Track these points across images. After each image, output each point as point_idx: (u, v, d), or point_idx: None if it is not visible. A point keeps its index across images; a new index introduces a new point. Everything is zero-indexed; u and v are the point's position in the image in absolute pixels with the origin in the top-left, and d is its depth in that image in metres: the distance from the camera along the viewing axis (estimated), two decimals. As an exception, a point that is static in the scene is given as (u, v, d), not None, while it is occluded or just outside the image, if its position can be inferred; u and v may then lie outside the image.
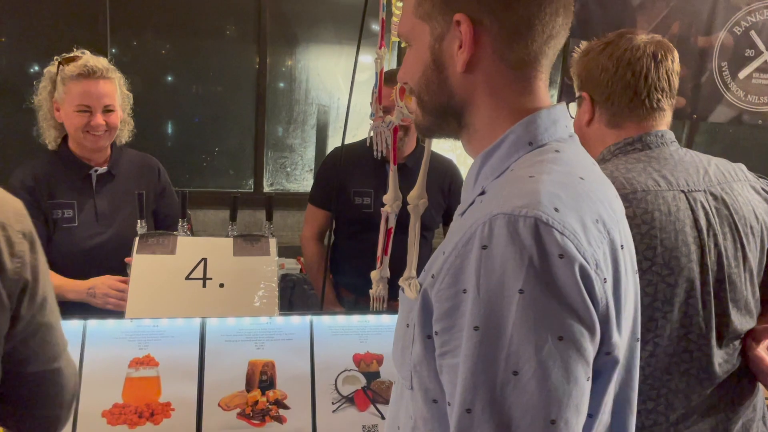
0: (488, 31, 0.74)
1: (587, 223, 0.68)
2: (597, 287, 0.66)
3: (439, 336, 0.70)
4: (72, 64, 1.68)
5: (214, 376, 1.41)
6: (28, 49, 3.80)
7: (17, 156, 3.80)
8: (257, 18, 3.96)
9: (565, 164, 0.73)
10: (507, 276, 0.63)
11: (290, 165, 4.35)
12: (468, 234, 0.67)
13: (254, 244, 1.61)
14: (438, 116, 0.81)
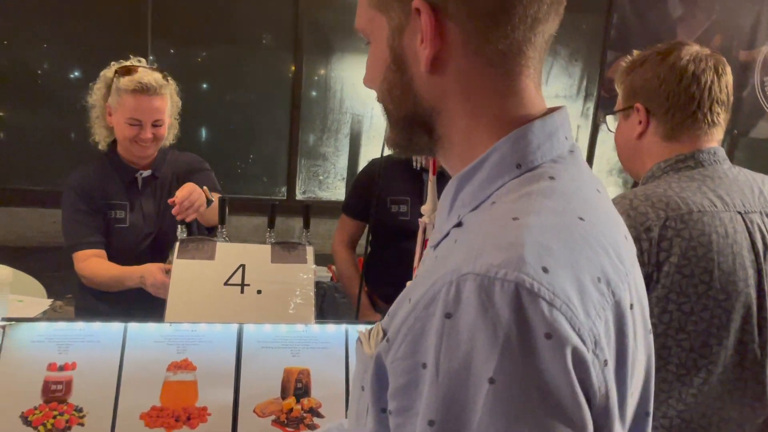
0: (455, 19, 0.59)
1: (586, 284, 0.53)
2: (594, 374, 0.52)
3: (393, 416, 0.56)
4: (128, 78, 1.73)
5: (249, 382, 1.41)
6: (69, 55, 3.91)
7: (58, 157, 3.91)
8: (294, 28, 4.02)
9: (561, 198, 0.58)
10: (475, 358, 0.49)
11: (323, 173, 4.38)
12: (431, 293, 0.53)
13: (291, 252, 1.62)
14: (406, 128, 0.66)
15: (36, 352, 1.34)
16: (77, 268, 1.77)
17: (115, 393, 1.34)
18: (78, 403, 1.31)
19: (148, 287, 1.65)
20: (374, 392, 0.59)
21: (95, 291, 1.87)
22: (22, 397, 1.30)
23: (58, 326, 1.37)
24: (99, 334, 1.38)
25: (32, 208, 3.74)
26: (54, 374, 1.32)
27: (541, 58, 0.63)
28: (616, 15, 4.40)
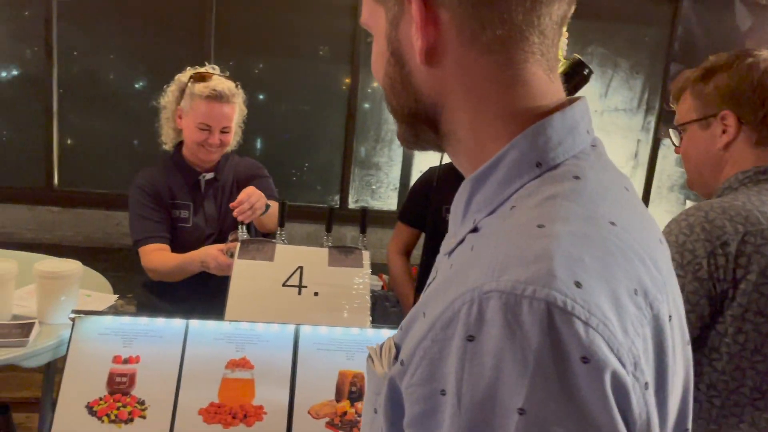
0: (447, 5, 0.54)
1: (622, 298, 0.47)
2: (635, 400, 0.46)
3: None
4: (203, 84, 1.79)
5: (305, 383, 1.42)
6: (135, 65, 4.06)
7: (122, 162, 4.06)
8: (352, 39, 4.07)
9: (589, 200, 0.52)
10: (501, 387, 0.44)
11: (375, 183, 4.40)
12: (449, 313, 0.47)
13: (348, 256, 1.63)
14: (410, 124, 0.61)
15: (102, 344, 1.38)
16: (143, 262, 1.83)
17: (176, 388, 1.37)
18: (141, 396, 1.35)
19: (212, 269, 1.70)
20: (388, 418, 0.54)
21: (157, 290, 1.92)
22: (88, 388, 1.34)
23: (123, 320, 1.41)
24: (162, 330, 1.42)
25: (97, 210, 3.89)
26: (119, 367, 1.36)
27: (552, 43, 0.56)
28: (681, 27, 4.28)
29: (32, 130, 3.89)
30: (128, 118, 4.07)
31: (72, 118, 3.95)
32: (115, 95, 4.09)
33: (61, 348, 1.41)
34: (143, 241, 1.84)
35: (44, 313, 1.47)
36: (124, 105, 4.08)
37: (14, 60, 3.89)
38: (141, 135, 4.10)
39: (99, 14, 3.89)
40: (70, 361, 1.36)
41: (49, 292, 1.46)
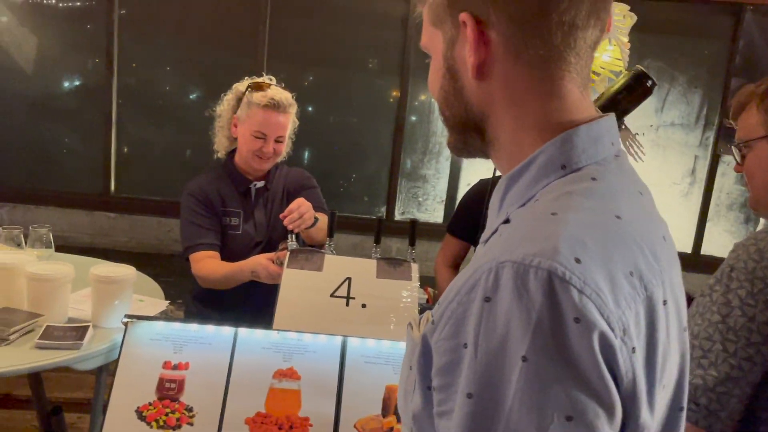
0: (497, 28, 0.63)
1: (617, 277, 0.56)
2: (621, 359, 0.55)
3: (436, 392, 0.60)
4: (261, 93, 1.82)
5: (351, 397, 1.40)
6: (190, 76, 4.17)
7: (175, 171, 4.16)
8: (401, 52, 4.08)
9: (601, 197, 0.61)
10: (510, 339, 0.53)
11: (422, 195, 4.38)
12: (472, 280, 0.57)
13: (397, 268, 1.61)
14: (461, 132, 0.71)
15: (153, 349, 1.40)
16: (194, 269, 1.85)
17: (224, 395, 1.37)
18: (189, 403, 1.36)
19: (262, 278, 1.70)
20: (421, 371, 0.63)
21: (205, 298, 1.94)
22: (138, 392, 1.36)
23: (174, 326, 1.43)
24: (211, 337, 1.43)
25: (151, 217, 3.99)
26: (169, 372, 1.38)
27: (585, 64, 0.66)
28: (742, 40, 4.13)
29: (92, 138, 4.03)
30: (182, 127, 4.18)
31: (129, 128, 4.08)
32: (171, 105, 4.21)
33: (114, 352, 1.43)
34: (194, 248, 1.86)
35: (98, 317, 1.50)
36: (178, 115, 4.19)
37: (77, 71, 4.05)
38: (194, 145, 4.20)
39: (157, 27, 4.02)
40: (121, 366, 1.37)
41: (104, 296, 1.48)
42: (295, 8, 4.06)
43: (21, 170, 4.08)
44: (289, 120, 1.91)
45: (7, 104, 4.00)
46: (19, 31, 3.94)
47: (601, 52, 1.44)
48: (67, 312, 1.51)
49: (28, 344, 1.36)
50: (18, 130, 4.05)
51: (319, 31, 4.13)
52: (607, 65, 1.46)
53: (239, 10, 4.01)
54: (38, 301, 1.45)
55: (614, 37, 1.41)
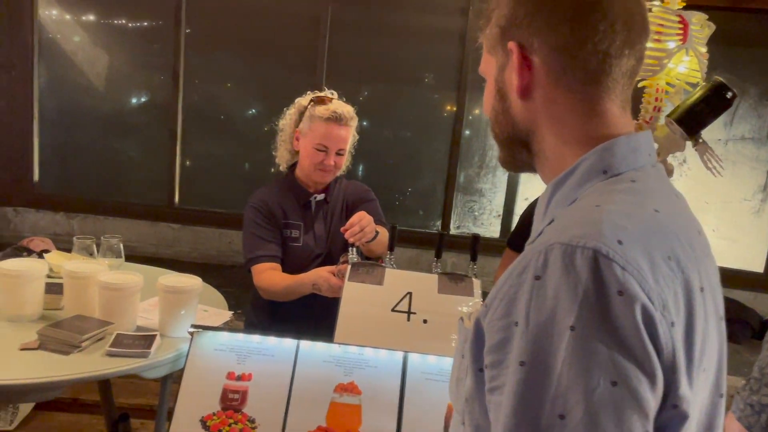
0: (539, 54, 0.72)
1: (656, 259, 0.62)
2: (661, 331, 0.60)
3: (488, 370, 0.65)
4: (324, 107, 1.85)
5: (412, 414, 1.38)
6: (251, 93, 4.27)
7: (234, 184, 4.26)
8: (459, 66, 4.06)
9: (640, 195, 0.68)
10: (558, 310, 0.59)
11: (478, 209, 4.33)
12: (523, 263, 0.64)
13: (458, 284, 1.59)
14: (509, 147, 0.80)
15: (218, 359, 1.42)
16: (255, 281, 1.87)
17: (285, 408, 1.37)
18: (251, 414, 1.37)
19: (323, 291, 1.71)
20: (473, 355, 0.69)
21: (266, 309, 1.96)
22: (202, 402, 1.38)
23: (238, 337, 1.44)
24: (273, 349, 1.44)
25: (212, 228, 4.09)
26: (232, 383, 1.39)
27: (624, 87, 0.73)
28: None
29: (158, 152, 4.17)
30: (243, 142, 4.28)
31: (193, 142, 4.20)
32: (232, 120, 4.32)
33: (179, 361, 1.46)
34: (256, 259, 1.89)
35: (165, 326, 1.53)
36: (239, 130, 4.29)
37: (145, 88, 4.21)
38: (254, 158, 4.29)
39: (221, 45, 4.14)
40: (186, 375, 1.40)
41: (171, 306, 1.52)
42: (353, 25, 4.11)
43: (92, 182, 4.26)
44: (350, 133, 1.92)
45: (81, 120, 4.20)
46: (92, 50, 4.13)
47: (676, 63, 1.38)
48: (135, 321, 1.55)
49: (98, 351, 1.40)
50: (90, 145, 4.24)
51: (376, 47, 4.16)
52: (682, 76, 1.40)
53: (299, 28, 4.09)
54: (109, 310, 1.49)
55: (691, 47, 1.36)
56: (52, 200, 4.13)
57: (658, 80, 1.39)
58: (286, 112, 1.99)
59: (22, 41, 3.96)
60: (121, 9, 4.10)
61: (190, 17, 4.02)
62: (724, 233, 4.19)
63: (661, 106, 1.41)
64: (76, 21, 4.12)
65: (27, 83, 4.03)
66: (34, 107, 4.08)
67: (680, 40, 1.33)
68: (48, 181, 4.22)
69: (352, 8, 4.08)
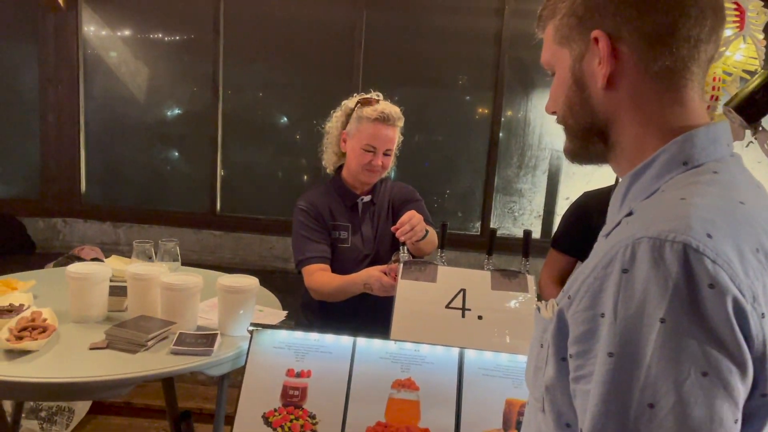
0: (628, 42, 0.72)
1: (745, 252, 0.62)
2: (752, 322, 0.60)
3: (573, 359, 0.67)
4: (371, 108, 1.87)
5: (471, 409, 1.39)
6: (288, 101, 4.32)
7: (272, 191, 4.32)
8: (495, 67, 4.05)
9: (724, 187, 0.68)
10: (648, 303, 0.60)
11: (518, 210, 4.30)
12: (609, 256, 0.64)
13: (512, 280, 1.58)
14: (584, 138, 0.79)
15: (277, 357, 1.44)
16: (307, 282, 1.90)
17: (344, 404, 1.39)
18: (311, 410, 1.39)
19: (375, 291, 1.72)
20: (555, 344, 0.70)
21: (316, 310, 1.99)
22: (264, 398, 1.40)
23: (296, 335, 1.47)
24: (331, 346, 1.46)
25: (254, 235, 4.15)
26: (292, 380, 1.42)
27: (704, 74, 0.74)
28: None
29: (199, 160, 4.26)
30: (282, 149, 4.34)
31: (233, 150, 4.28)
32: (270, 128, 4.38)
33: (240, 359, 1.49)
34: (306, 261, 1.91)
35: (225, 325, 1.57)
36: (278, 137, 4.35)
37: (186, 99, 4.31)
38: (293, 165, 4.34)
39: (258, 54, 4.22)
40: (248, 372, 1.43)
41: (230, 306, 1.55)
42: (388, 29, 4.14)
43: (137, 192, 4.38)
44: (396, 134, 1.94)
45: (125, 132, 4.31)
46: (133, 63, 4.25)
47: (733, 51, 1.36)
48: (196, 320, 1.59)
49: (163, 350, 1.44)
50: (134, 156, 4.35)
51: (411, 51, 4.18)
52: (739, 64, 1.38)
53: (335, 35, 4.13)
54: (171, 310, 1.54)
55: (748, 34, 1.34)
56: (99, 210, 4.25)
57: (714, 69, 1.38)
58: (332, 115, 2.01)
59: (67, 57, 4.10)
60: (160, 23, 4.21)
61: (228, 28, 4.10)
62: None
63: (718, 95, 1.39)
64: (117, 36, 4.25)
65: (73, 97, 4.16)
66: (80, 120, 4.21)
67: (737, 27, 1.31)
68: (95, 192, 4.34)
69: (386, 13, 4.11)
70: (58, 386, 1.26)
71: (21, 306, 1.53)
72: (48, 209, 4.20)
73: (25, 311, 1.49)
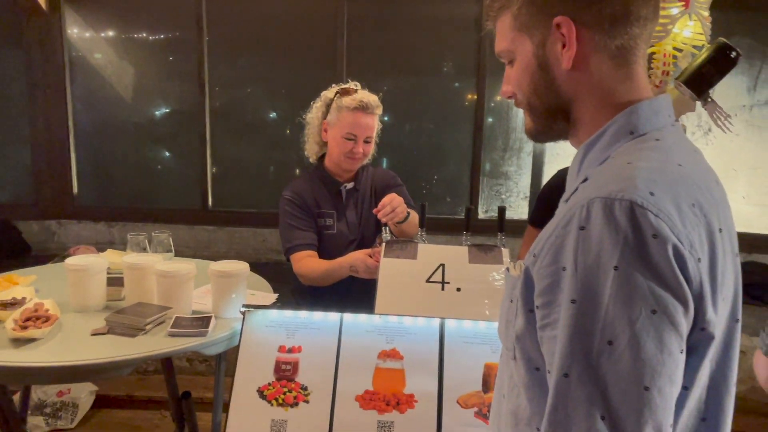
0: (588, 25, 0.79)
1: (683, 207, 0.71)
2: (690, 266, 0.69)
3: (540, 310, 0.75)
4: (350, 97, 1.94)
5: (452, 374, 1.48)
6: (274, 94, 4.38)
7: (263, 185, 4.39)
8: (476, 53, 4.13)
9: (664, 151, 0.77)
10: (603, 254, 0.68)
11: (505, 192, 4.39)
12: (567, 217, 0.72)
13: (488, 253, 1.67)
14: (548, 117, 0.86)
15: (269, 335, 1.53)
16: (295, 268, 1.98)
17: (334, 375, 1.48)
18: (303, 382, 1.48)
19: (360, 273, 1.80)
20: (524, 298, 0.78)
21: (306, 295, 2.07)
22: (258, 374, 1.49)
23: (286, 314, 1.56)
24: (319, 323, 1.55)
25: (246, 228, 4.23)
26: (284, 355, 1.50)
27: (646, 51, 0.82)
28: (839, 6, 3.89)
29: (189, 157, 4.33)
30: (270, 142, 4.40)
31: (222, 146, 4.34)
32: (258, 121, 4.44)
33: (234, 339, 1.57)
34: (294, 248, 1.99)
35: (218, 308, 1.65)
36: (266, 130, 4.42)
37: (173, 97, 4.37)
38: (281, 158, 4.41)
39: (243, 49, 4.27)
40: (242, 350, 1.52)
41: (223, 289, 1.64)
42: (370, 19, 4.20)
43: (129, 191, 4.44)
44: (376, 121, 2.01)
45: (114, 132, 4.37)
46: (119, 64, 4.29)
47: (681, 28, 1.45)
48: (191, 305, 1.68)
49: (161, 333, 1.53)
50: (125, 155, 4.41)
51: (394, 40, 4.24)
52: (689, 40, 1.47)
53: (317, 27, 4.19)
54: (167, 296, 1.62)
55: (694, 12, 1.42)
56: (92, 211, 4.31)
57: (665, 45, 1.46)
58: (312, 106, 2.08)
59: (53, 61, 4.14)
60: (144, 22, 4.25)
61: (211, 24, 4.15)
62: (755, 199, 4.18)
63: (669, 70, 1.48)
64: (102, 37, 4.30)
65: (61, 100, 4.21)
66: (69, 123, 4.26)
67: (683, 6, 1.40)
68: (87, 193, 4.40)
69: (367, 3, 4.17)
70: (64, 369, 1.34)
71: (24, 299, 1.61)
72: (42, 212, 4.27)
73: (28, 303, 1.57)
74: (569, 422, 0.69)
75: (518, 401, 0.83)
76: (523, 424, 0.82)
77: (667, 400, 0.68)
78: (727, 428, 0.81)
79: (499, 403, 0.91)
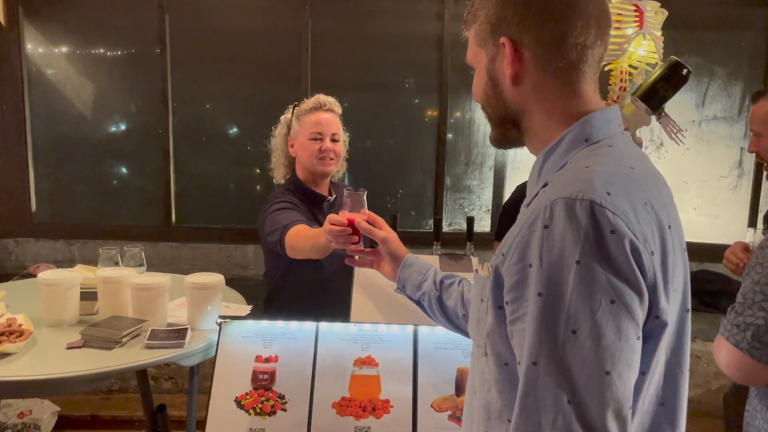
0: (528, 48, 0.87)
1: (636, 205, 0.77)
2: (645, 259, 0.75)
3: (509, 305, 0.80)
4: (305, 103, 1.98)
5: (426, 380, 1.53)
6: (238, 110, 4.39)
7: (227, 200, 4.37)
8: (438, 69, 4.22)
9: (617, 156, 0.84)
10: (566, 250, 0.74)
11: (468, 205, 4.48)
12: (532, 217, 0.78)
13: (458, 262, 1.73)
14: (500, 126, 0.95)
15: (246, 345, 1.55)
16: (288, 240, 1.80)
17: (311, 383, 1.51)
18: (281, 391, 1.50)
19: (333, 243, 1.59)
20: (493, 295, 0.84)
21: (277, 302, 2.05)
22: (235, 384, 1.51)
23: (262, 324, 1.58)
24: (296, 332, 1.58)
25: (210, 244, 4.20)
26: (261, 365, 1.52)
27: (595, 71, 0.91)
28: (778, 29, 4.13)
29: (152, 173, 4.28)
30: (234, 158, 4.40)
31: (186, 162, 4.32)
32: (222, 138, 4.43)
33: (210, 350, 1.59)
34: (290, 225, 1.80)
35: (194, 320, 1.66)
36: (230, 146, 4.41)
37: (135, 112, 4.33)
38: (246, 174, 4.41)
39: (206, 65, 4.27)
40: (219, 361, 1.53)
41: (198, 301, 1.65)
42: (334, 37, 4.26)
43: (89, 209, 4.36)
44: (337, 120, 2.02)
45: (74, 149, 4.30)
46: (80, 80, 4.24)
47: (636, 47, 1.55)
48: (166, 318, 1.68)
49: (137, 345, 1.53)
50: (85, 172, 4.33)
51: (358, 57, 4.31)
52: (643, 59, 1.57)
53: (281, 44, 4.23)
54: (142, 309, 1.62)
55: (648, 32, 1.52)
56: (50, 229, 4.22)
57: (621, 63, 1.56)
58: (274, 132, 2.09)
59: (11, 76, 4.07)
60: (105, 38, 4.22)
61: (174, 41, 4.14)
62: (705, 211, 4.37)
63: (626, 86, 1.58)
64: (62, 53, 4.24)
65: (19, 117, 4.13)
66: (27, 140, 4.17)
67: (637, 26, 1.50)
68: (45, 211, 4.31)
69: (331, 21, 4.23)
70: (41, 383, 1.34)
71: (-6, 315, 1.59)
72: (-2, 230, 4.16)
73: (0, 318, 1.56)
74: (538, 406, 0.75)
75: (489, 395, 0.88)
76: (494, 416, 0.88)
77: (626, 384, 0.74)
78: (683, 412, 0.88)
79: (471, 398, 0.97)
